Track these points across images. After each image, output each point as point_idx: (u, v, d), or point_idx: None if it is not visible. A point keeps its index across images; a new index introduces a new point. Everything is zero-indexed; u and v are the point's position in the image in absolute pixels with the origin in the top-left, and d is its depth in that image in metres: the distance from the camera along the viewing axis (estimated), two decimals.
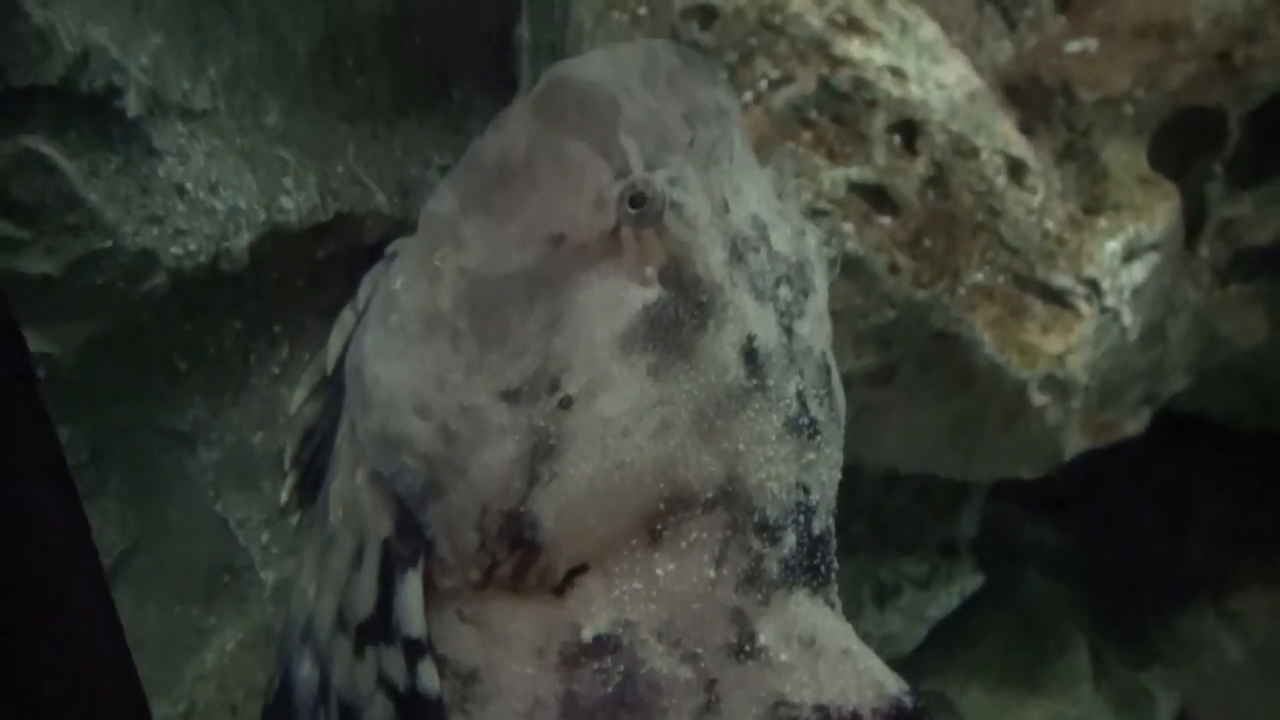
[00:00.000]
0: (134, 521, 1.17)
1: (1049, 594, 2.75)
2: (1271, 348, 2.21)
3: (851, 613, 2.15)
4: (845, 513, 2.15)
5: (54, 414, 0.87)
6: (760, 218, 0.96)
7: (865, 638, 2.15)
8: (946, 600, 2.17)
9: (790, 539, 0.94)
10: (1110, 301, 1.86)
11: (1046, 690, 2.62)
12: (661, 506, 0.90)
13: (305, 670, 0.98)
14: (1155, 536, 2.87)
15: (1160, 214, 1.96)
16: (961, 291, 1.78)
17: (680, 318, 0.89)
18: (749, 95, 1.81)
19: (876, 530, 2.17)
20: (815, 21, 1.83)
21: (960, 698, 2.53)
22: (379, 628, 0.93)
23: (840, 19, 1.85)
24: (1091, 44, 2.03)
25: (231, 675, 1.20)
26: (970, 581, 2.20)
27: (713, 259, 0.91)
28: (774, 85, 1.80)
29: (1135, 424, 2.09)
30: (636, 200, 0.89)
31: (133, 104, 0.97)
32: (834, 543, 1.01)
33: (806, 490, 0.96)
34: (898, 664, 2.25)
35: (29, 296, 0.98)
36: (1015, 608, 2.68)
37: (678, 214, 0.89)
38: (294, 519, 1.07)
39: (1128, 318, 1.89)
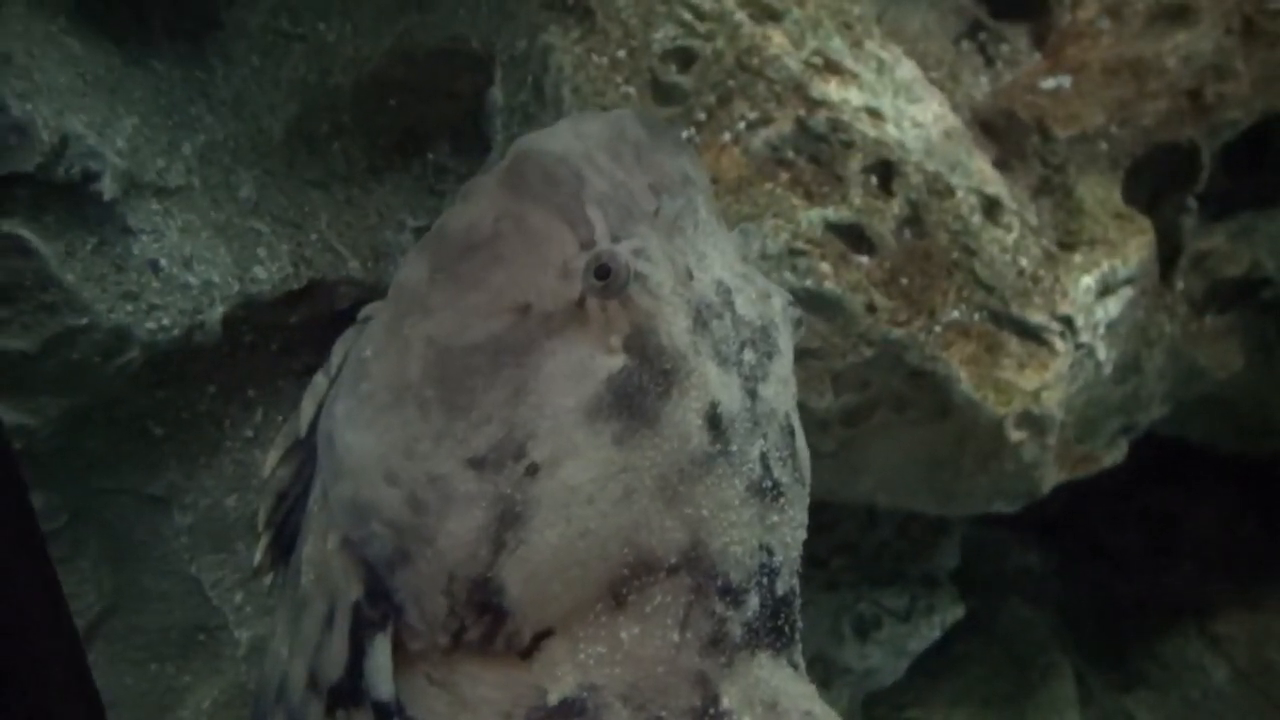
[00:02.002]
0: (110, 583, 1.19)
1: (1033, 620, 2.76)
2: (1248, 377, 2.24)
3: (832, 646, 2.17)
4: (826, 548, 2.18)
5: (32, 482, 0.89)
6: (724, 283, 0.98)
7: (846, 672, 2.17)
8: (927, 632, 2.18)
9: (753, 601, 0.96)
10: (1085, 337, 1.88)
11: (1031, 716, 2.62)
12: (626, 572, 0.92)
13: None
14: (1139, 561, 2.89)
15: (1134, 248, 1.98)
16: (937, 329, 1.79)
17: (644, 386, 0.91)
18: (727, 136, 1.83)
19: (857, 564, 2.19)
20: (793, 64, 1.85)
21: None
22: (350, 690, 0.94)
23: (818, 61, 1.88)
24: (1066, 81, 2.06)
25: None
26: (951, 613, 2.21)
27: (676, 327, 0.93)
28: (752, 126, 1.82)
29: (1113, 455, 2.10)
30: (601, 271, 0.91)
31: (108, 187, 1.00)
32: (798, 603, 1.03)
33: (770, 552, 0.97)
34: (877, 692, 2.27)
35: (5, 372, 1.00)
36: (999, 634, 2.69)
37: (642, 284, 0.91)
38: (267, 580, 1.09)
39: (1102, 352, 1.91)
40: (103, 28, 1.06)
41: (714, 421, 0.93)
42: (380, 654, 0.92)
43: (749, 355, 0.98)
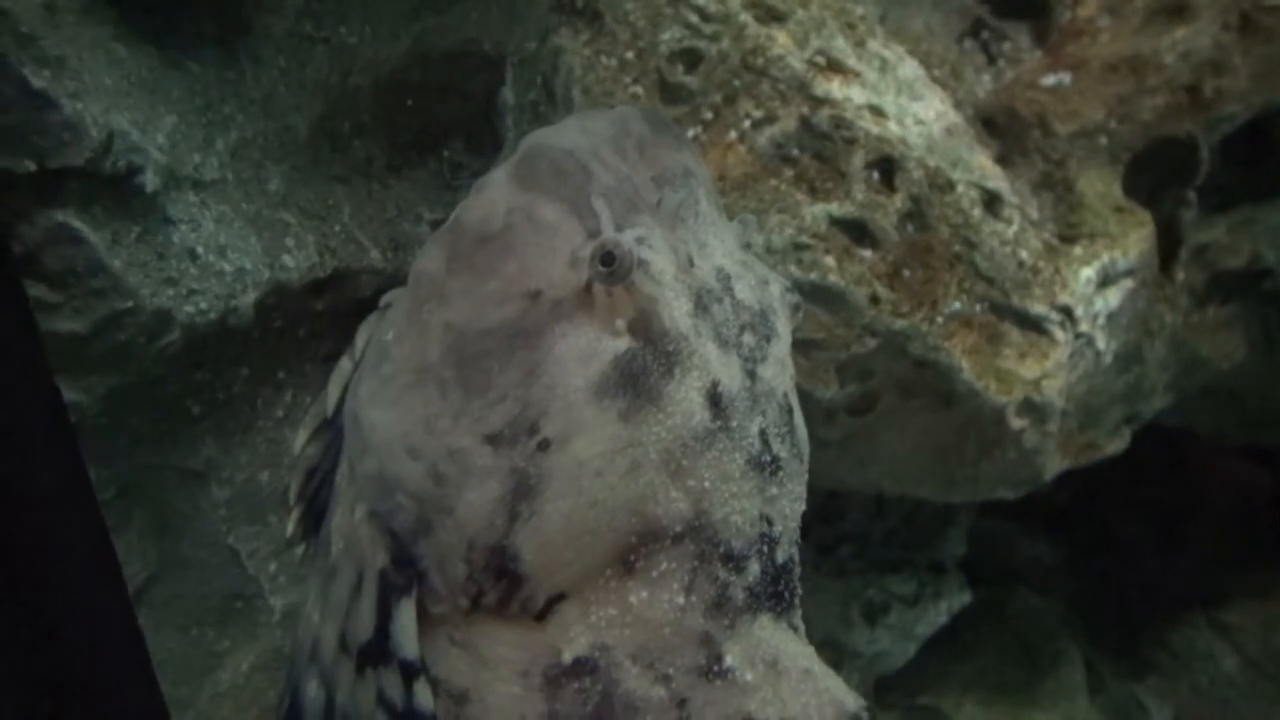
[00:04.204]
0: (154, 553, 1.26)
1: (1043, 609, 2.79)
2: (1250, 367, 2.26)
3: (842, 631, 2.22)
4: (835, 535, 2.23)
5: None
6: (724, 270, 1.04)
7: (856, 655, 2.21)
8: (935, 617, 2.22)
9: (754, 568, 1.01)
10: (1085, 327, 1.92)
11: (1041, 704, 2.64)
12: (634, 540, 0.98)
13: (312, 690, 1.06)
14: (1148, 550, 2.91)
15: (1134, 241, 2.01)
16: (940, 321, 1.83)
17: (649, 366, 0.97)
18: (733, 134, 1.88)
19: (866, 551, 2.23)
20: (796, 63, 1.90)
21: (956, 712, 2.57)
22: (378, 651, 1.00)
23: (821, 60, 1.92)
24: (1066, 78, 2.10)
25: (245, 694, 1.29)
26: (958, 599, 2.25)
27: (678, 311, 0.98)
28: (757, 125, 1.86)
29: (1116, 444, 2.13)
30: (607, 259, 0.96)
31: (150, 180, 1.08)
32: (798, 570, 1.08)
33: (770, 522, 1.03)
34: (890, 679, 2.30)
35: (59, 352, 1.08)
36: (1010, 622, 2.72)
37: (645, 271, 0.97)
38: (299, 550, 1.15)
39: (1102, 342, 1.95)
40: (144, 33, 1.13)
41: (715, 399, 0.99)
42: (405, 616, 0.98)
43: (748, 338, 1.03)
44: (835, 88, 1.90)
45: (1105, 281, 1.97)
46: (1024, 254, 1.91)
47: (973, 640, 2.60)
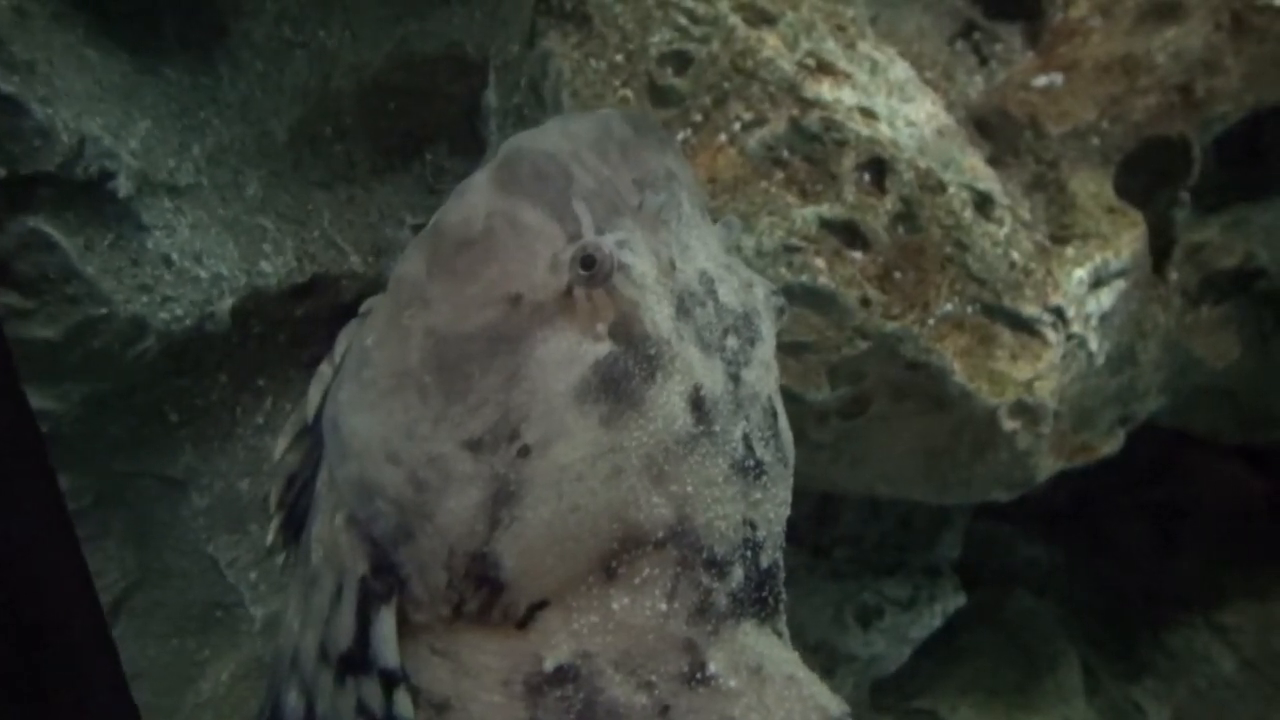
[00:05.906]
0: (133, 562, 1.26)
1: (1040, 611, 2.78)
2: (1244, 367, 2.26)
3: (836, 634, 2.21)
4: (829, 538, 2.22)
5: (58, 465, 0.95)
6: (707, 273, 1.03)
7: (850, 659, 2.21)
8: (929, 621, 2.22)
9: (738, 573, 1.00)
10: (1077, 328, 1.91)
11: (1038, 706, 2.64)
12: (615, 546, 0.97)
13: (292, 699, 1.05)
14: (1144, 552, 2.91)
15: (1127, 242, 2.01)
16: (931, 322, 1.83)
17: (630, 370, 0.96)
18: (723, 137, 1.88)
19: (860, 554, 2.22)
20: (786, 65, 1.90)
21: (951, 715, 2.57)
22: (358, 659, 0.99)
23: (811, 62, 1.92)
24: (1058, 79, 2.10)
25: (227, 704, 1.28)
26: (952, 601, 2.25)
27: (660, 315, 0.98)
28: (747, 127, 1.86)
29: (1110, 445, 2.13)
30: (587, 262, 0.95)
31: (124, 185, 1.07)
32: (782, 575, 1.07)
33: (753, 527, 1.02)
34: (884, 683, 2.30)
35: (33, 359, 1.07)
36: (1006, 625, 2.72)
37: (626, 274, 0.96)
38: (279, 558, 1.14)
39: (1094, 343, 1.94)
40: (118, 38, 1.13)
41: (697, 404, 0.98)
42: (385, 625, 0.98)
43: (732, 341, 1.02)
44: (825, 90, 1.90)
45: (1098, 282, 1.97)
46: (1016, 255, 1.90)
47: (968, 643, 2.59)
